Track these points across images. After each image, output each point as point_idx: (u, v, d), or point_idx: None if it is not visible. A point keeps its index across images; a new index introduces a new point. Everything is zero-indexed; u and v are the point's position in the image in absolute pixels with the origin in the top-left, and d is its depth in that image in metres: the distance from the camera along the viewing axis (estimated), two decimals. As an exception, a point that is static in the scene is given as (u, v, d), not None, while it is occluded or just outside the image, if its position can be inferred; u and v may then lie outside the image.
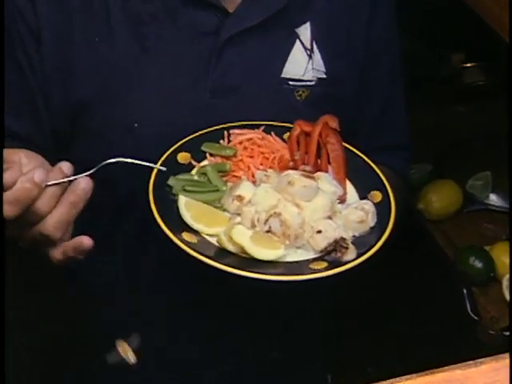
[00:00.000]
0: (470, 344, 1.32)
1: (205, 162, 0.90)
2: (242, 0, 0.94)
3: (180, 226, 0.80)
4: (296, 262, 0.80)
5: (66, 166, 0.81)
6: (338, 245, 0.80)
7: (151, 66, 0.93)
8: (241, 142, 0.93)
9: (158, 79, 0.94)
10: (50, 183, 0.78)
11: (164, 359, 1.07)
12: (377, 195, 0.89)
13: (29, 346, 1.16)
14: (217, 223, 0.82)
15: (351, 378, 0.71)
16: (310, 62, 0.98)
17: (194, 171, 0.89)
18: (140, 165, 0.85)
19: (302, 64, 0.98)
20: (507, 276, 1.38)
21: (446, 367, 0.50)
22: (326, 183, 0.87)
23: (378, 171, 0.92)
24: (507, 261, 1.41)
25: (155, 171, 0.85)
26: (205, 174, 0.88)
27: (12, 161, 0.80)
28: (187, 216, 0.81)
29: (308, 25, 0.98)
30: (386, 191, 0.89)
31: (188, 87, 0.94)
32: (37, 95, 0.95)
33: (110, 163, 0.83)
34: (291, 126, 0.95)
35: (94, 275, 1.06)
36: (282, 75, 0.97)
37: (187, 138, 0.90)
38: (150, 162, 0.86)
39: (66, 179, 0.80)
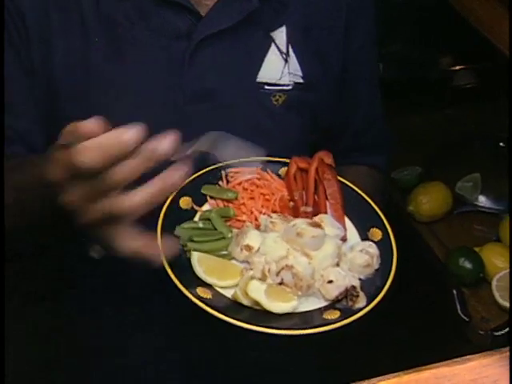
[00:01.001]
0: (460, 344, 1.33)
1: (206, 206, 0.90)
2: (214, 3, 0.94)
3: (193, 280, 0.80)
4: (309, 311, 0.81)
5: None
6: (349, 293, 0.81)
7: (125, 68, 0.93)
8: (240, 183, 0.92)
9: (133, 84, 0.93)
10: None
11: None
12: (377, 233, 0.89)
13: (29, 347, 1.16)
14: (229, 276, 0.83)
15: (343, 378, 0.72)
16: (287, 66, 0.98)
17: (197, 217, 0.89)
18: None
19: (278, 68, 0.97)
20: (497, 277, 1.39)
21: (433, 364, 0.51)
22: (329, 226, 0.87)
23: (375, 206, 0.93)
24: (497, 262, 1.42)
25: (160, 226, 0.83)
26: (208, 219, 0.88)
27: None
28: (200, 271, 0.82)
29: (283, 28, 0.97)
30: (386, 229, 0.89)
31: (162, 91, 0.93)
32: (28, 92, 0.95)
33: None
34: (286, 161, 0.95)
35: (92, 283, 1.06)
36: (258, 79, 0.97)
37: (186, 182, 0.89)
38: None
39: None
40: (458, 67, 1.88)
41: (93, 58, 0.93)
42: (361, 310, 0.79)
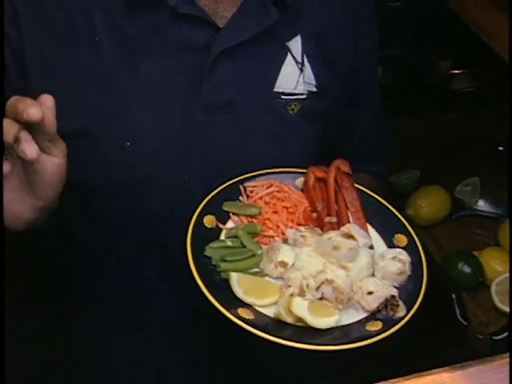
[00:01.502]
0: (459, 349, 1.33)
1: (230, 223, 0.90)
2: (232, 15, 0.94)
3: (233, 301, 0.81)
4: (351, 324, 0.81)
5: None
6: (389, 303, 0.81)
7: (142, 83, 0.92)
8: (261, 197, 0.93)
9: (150, 96, 0.93)
10: None
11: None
12: (402, 239, 0.90)
13: (28, 347, 1.15)
14: (267, 294, 0.83)
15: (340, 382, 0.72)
16: (301, 75, 0.98)
17: (222, 235, 0.89)
18: None
19: (294, 77, 0.98)
20: (496, 281, 1.39)
21: (434, 370, 0.51)
22: (357, 235, 0.87)
23: (395, 211, 0.93)
24: (496, 266, 1.42)
25: (189, 248, 0.84)
26: (236, 236, 0.88)
27: None
28: (239, 292, 0.82)
29: (298, 38, 0.98)
30: (410, 234, 0.90)
31: (180, 104, 0.93)
32: None
33: None
34: (300, 170, 0.96)
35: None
36: (275, 89, 0.97)
37: (206, 200, 0.90)
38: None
39: None
40: (456, 71, 1.88)
41: (107, 74, 0.92)
42: (402, 318, 0.80)
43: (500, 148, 1.69)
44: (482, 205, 1.59)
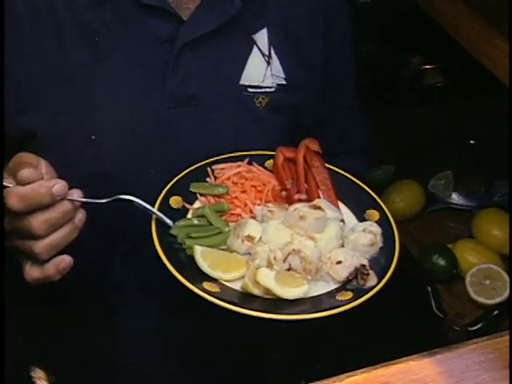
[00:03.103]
0: (435, 341, 1.34)
1: (197, 203, 0.90)
2: (196, 7, 0.94)
3: (198, 276, 0.80)
4: (321, 295, 0.80)
5: (78, 193, 0.82)
6: (360, 272, 0.80)
7: (106, 76, 0.92)
8: (228, 178, 0.92)
9: (115, 90, 0.92)
10: (67, 198, 0.80)
11: None
12: (374, 214, 0.90)
13: (28, 346, 1.15)
14: (234, 268, 0.82)
15: (313, 374, 0.72)
16: (269, 68, 0.98)
17: (189, 215, 0.88)
18: (148, 209, 0.85)
19: (261, 70, 0.98)
20: (470, 272, 1.40)
21: (401, 359, 0.51)
22: (328, 209, 0.87)
23: (366, 188, 0.94)
24: (470, 258, 1.44)
25: (154, 223, 0.84)
26: (203, 216, 0.87)
27: (32, 162, 0.80)
28: (205, 265, 0.81)
29: (265, 30, 0.97)
30: (382, 208, 0.90)
31: (145, 97, 0.93)
32: None
33: (123, 199, 0.85)
34: (271, 153, 0.95)
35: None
36: (241, 82, 0.97)
37: (173, 182, 0.89)
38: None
39: (82, 199, 0.82)
40: (427, 66, 1.89)
41: (70, 67, 0.91)
42: (373, 288, 0.79)
43: (472, 141, 1.71)
44: (455, 198, 1.61)
